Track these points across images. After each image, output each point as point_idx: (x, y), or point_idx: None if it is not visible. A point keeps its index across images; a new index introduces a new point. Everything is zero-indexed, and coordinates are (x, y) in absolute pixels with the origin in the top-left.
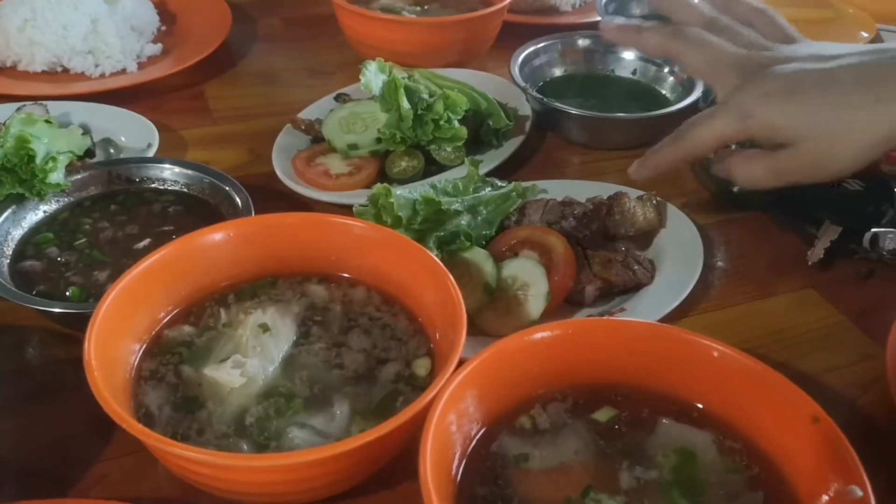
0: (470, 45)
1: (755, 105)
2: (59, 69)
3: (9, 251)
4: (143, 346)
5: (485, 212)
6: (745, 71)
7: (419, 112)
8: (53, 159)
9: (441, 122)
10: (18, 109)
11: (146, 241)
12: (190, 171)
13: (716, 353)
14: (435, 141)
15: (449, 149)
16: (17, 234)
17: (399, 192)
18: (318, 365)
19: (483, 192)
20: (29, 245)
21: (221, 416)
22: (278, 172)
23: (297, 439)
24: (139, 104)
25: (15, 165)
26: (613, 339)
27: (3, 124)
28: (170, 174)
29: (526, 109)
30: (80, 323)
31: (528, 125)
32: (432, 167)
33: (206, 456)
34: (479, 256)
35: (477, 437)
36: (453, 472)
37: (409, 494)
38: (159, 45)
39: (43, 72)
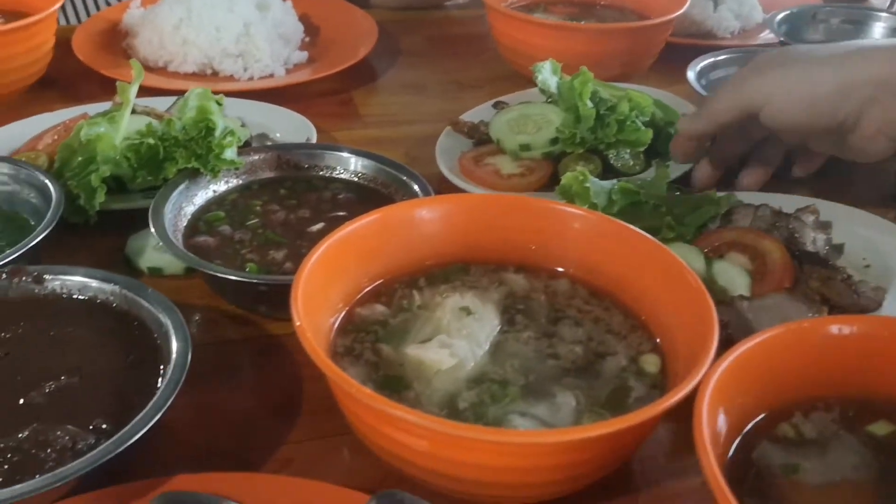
0: (634, 57)
1: (748, 79)
2: (209, 71)
3: (181, 225)
4: (337, 321)
5: (668, 219)
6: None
7: (601, 112)
8: (232, 133)
9: (627, 123)
10: (179, 99)
11: (320, 225)
12: (365, 160)
13: None
14: (616, 144)
15: (628, 155)
16: (189, 210)
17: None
18: (530, 354)
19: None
20: (201, 222)
21: (431, 399)
22: (444, 171)
23: (521, 427)
24: (288, 107)
25: (192, 139)
26: None
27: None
28: (340, 162)
29: None
30: (254, 300)
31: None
32: (608, 174)
33: (453, 428)
34: (685, 252)
35: (736, 443)
36: None
37: None
38: (305, 53)
39: (193, 73)
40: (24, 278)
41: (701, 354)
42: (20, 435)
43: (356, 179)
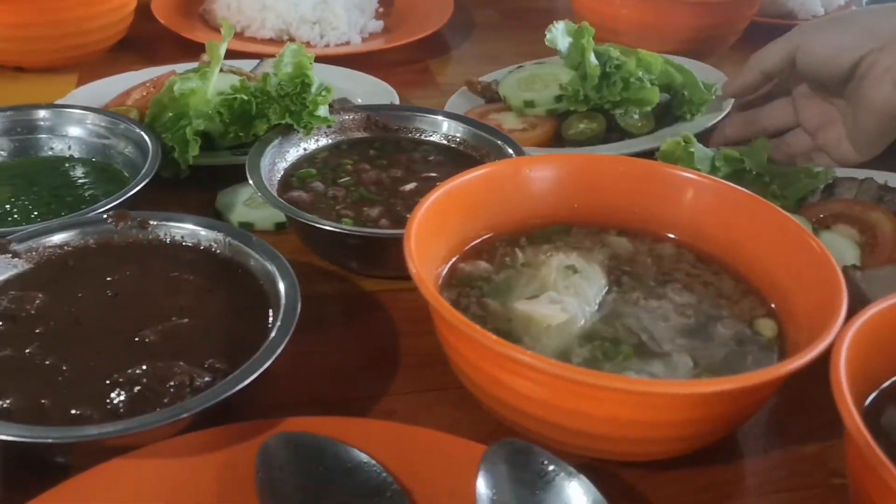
0: (716, 32)
1: (796, 31)
2: (286, 37)
3: (275, 181)
4: (441, 275)
5: (773, 187)
6: None
7: (607, 70)
8: (327, 90)
9: (631, 81)
10: (261, 62)
11: (413, 185)
12: (458, 124)
13: None
14: (622, 103)
15: (636, 115)
16: (282, 166)
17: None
18: (640, 314)
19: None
20: (294, 178)
21: (542, 353)
22: None
23: None
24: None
25: (287, 94)
26: None
27: (256, 69)
28: (431, 124)
29: None
30: (348, 254)
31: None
32: (612, 135)
33: (587, 376)
34: None
35: (863, 408)
36: None
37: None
38: (381, 22)
39: (270, 39)
40: (128, 223)
41: (829, 318)
42: (137, 370)
43: (445, 142)
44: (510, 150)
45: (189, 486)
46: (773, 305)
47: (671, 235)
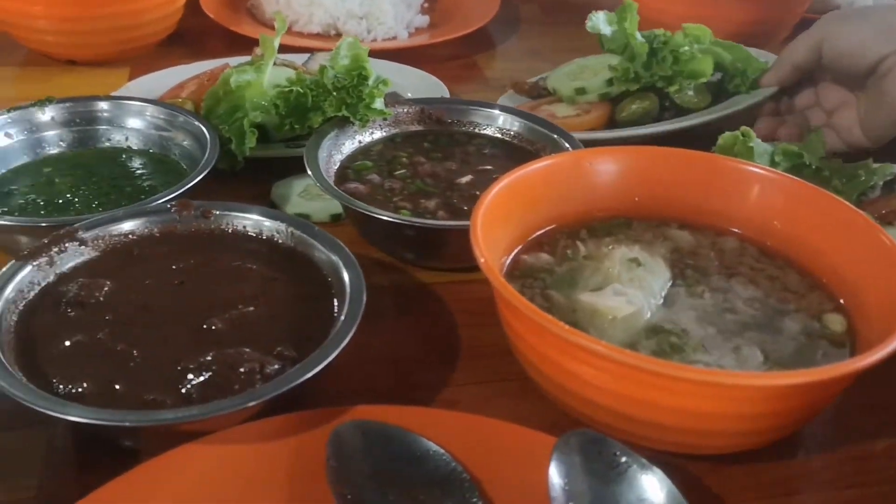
0: (769, 26)
1: (821, 23)
2: (333, 32)
3: (331, 172)
4: (505, 265)
5: (836, 182)
6: None
7: (655, 47)
8: (385, 82)
9: (680, 52)
10: (312, 56)
11: (469, 177)
12: (513, 117)
13: None
14: (674, 78)
15: (691, 91)
16: (338, 158)
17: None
18: (706, 307)
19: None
20: (349, 170)
21: None
22: None
23: None
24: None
25: (343, 87)
26: None
27: (307, 62)
28: (486, 118)
29: None
30: (405, 246)
31: None
32: (666, 114)
33: (654, 364)
34: None
35: None
36: None
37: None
38: (426, 17)
39: (317, 34)
40: (191, 212)
41: None
42: (207, 356)
43: (500, 135)
44: (566, 144)
45: (260, 472)
46: (841, 301)
47: (734, 229)
